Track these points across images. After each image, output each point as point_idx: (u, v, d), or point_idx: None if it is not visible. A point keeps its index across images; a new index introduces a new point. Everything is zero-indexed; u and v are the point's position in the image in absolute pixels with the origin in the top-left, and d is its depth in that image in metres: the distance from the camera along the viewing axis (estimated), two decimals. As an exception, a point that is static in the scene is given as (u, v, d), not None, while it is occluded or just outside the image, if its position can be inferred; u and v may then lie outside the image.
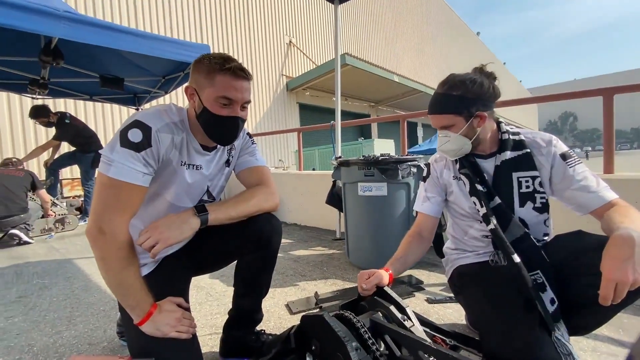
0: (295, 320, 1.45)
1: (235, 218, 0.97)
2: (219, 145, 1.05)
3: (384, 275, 1.04)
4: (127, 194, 0.83)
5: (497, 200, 1.06)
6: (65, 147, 4.49)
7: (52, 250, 2.91)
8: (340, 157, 2.34)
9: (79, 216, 4.11)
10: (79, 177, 4.42)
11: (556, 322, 0.89)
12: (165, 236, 0.82)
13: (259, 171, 1.12)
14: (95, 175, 3.69)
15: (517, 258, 0.98)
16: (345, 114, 12.00)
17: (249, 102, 0.96)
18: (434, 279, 1.89)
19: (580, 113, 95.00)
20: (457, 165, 1.16)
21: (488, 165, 1.11)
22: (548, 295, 0.92)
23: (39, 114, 3.92)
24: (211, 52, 3.92)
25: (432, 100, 1.10)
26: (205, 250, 1.10)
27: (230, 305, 1.19)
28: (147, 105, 6.65)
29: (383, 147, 7.63)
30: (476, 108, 1.03)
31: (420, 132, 15.59)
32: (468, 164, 1.12)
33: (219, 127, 0.94)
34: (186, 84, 0.97)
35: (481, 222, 1.10)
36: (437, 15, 23.65)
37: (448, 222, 1.33)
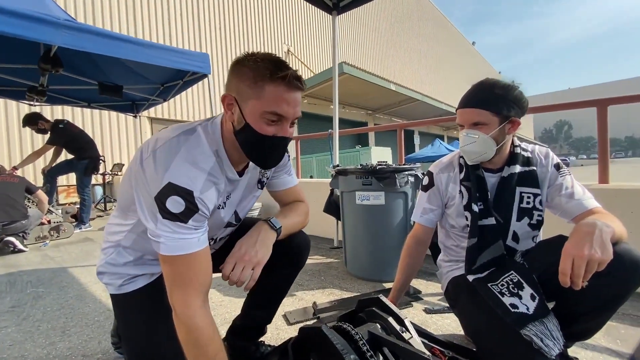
0: (293, 330, 1.44)
1: (290, 233, 0.98)
2: (250, 165, 0.93)
3: None
4: (184, 266, 0.73)
5: (492, 220, 1.07)
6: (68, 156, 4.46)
7: (47, 259, 2.87)
8: (338, 166, 2.35)
9: (74, 224, 4.07)
10: (75, 184, 4.40)
11: (541, 317, 0.89)
12: (260, 258, 0.82)
13: (296, 190, 1.11)
14: (91, 182, 3.65)
15: (471, 278, 1.06)
16: (343, 122, 12.06)
17: (299, 117, 0.80)
18: (432, 289, 1.88)
19: (574, 121, 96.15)
20: (462, 175, 1.15)
21: (494, 180, 1.11)
22: (527, 291, 0.94)
23: (29, 121, 3.91)
24: (210, 60, 3.94)
25: (470, 94, 1.06)
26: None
27: (227, 316, 1.18)
28: (145, 113, 6.67)
29: (380, 155, 7.67)
30: (514, 112, 1.02)
31: (417, 139, 15.70)
32: (474, 178, 1.11)
33: (264, 149, 0.79)
34: (223, 93, 0.80)
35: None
36: (433, 25, 24.01)
37: (441, 232, 1.32)
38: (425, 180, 1.26)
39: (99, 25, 6.75)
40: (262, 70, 0.72)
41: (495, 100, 1.01)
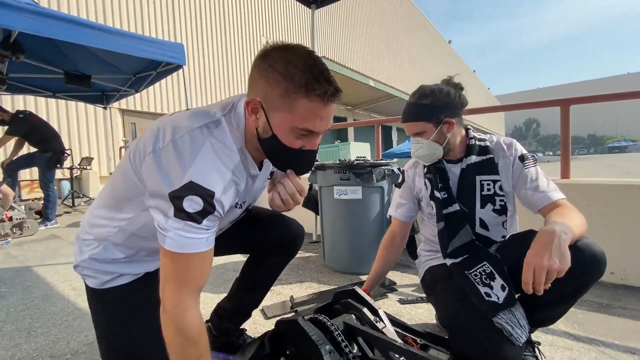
0: (270, 324, 1.44)
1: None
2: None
3: None
4: (185, 264, 0.69)
5: (456, 206, 1.14)
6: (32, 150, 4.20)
7: (9, 258, 2.72)
8: (317, 161, 2.36)
9: (38, 220, 3.86)
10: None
11: (510, 306, 0.94)
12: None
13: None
14: (55, 176, 3.47)
15: (449, 261, 1.11)
16: (322, 117, 12.05)
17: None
18: (407, 280, 1.95)
19: (542, 120, 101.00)
20: (425, 169, 1.23)
21: (456, 170, 1.18)
22: (498, 282, 0.99)
23: None
24: (185, 50, 3.81)
25: (405, 109, 1.18)
26: (229, 240, 1.03)
27: (202, 312, 1.16)
28: (115, 105, 6.38)
29: (359, 150, 7.74)
30: (444, 115, 1.11)
31: (394, 135, 15.97)
32: (434, 169, 1.19)
33: (291, 161, 0.78)
34: (247, 97, 0.73)
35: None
36: (411, 23, 24.36)
37: (421, 225, 1.39)
38: (400, 178, 1.37)
39: (64, 11, 6.36)
40: (296, 81, 0.66)
41: (424, 110, 1.12)
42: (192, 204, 0.65)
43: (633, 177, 2.16)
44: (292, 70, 0.66)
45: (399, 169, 2.00)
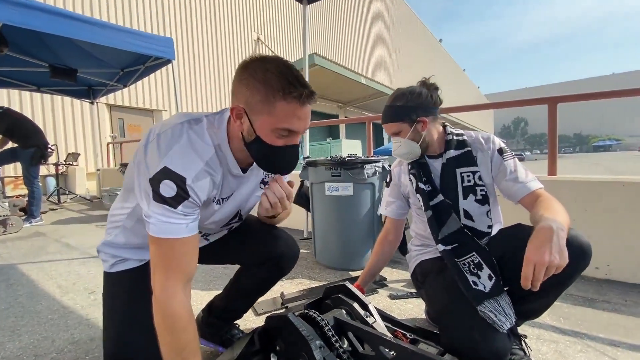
0: (261, 321, 1.44)
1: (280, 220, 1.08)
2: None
3: None
4: (169, 249, 0.73)
5: (440, 197, 1.18)
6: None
7: (-8, 255, 2.65)
8: (308, 157, 2.35)
9: (23, 217, 3.76)
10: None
11: (496, 295, 0.97)
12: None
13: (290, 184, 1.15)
14: (39, 172, 3.39)
15: (440, 247, 1.14)
16: (314, 114, 12.04)
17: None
18: (397, 276, 1.96)
19: (530, 119, 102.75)
20: (409, 166, 1.27)
21: (437, 164, 1.22)
22: (486, 272, 1.02)
23: None
24: (174, 45, 3.74)
25: (383, 112, 1.24)
26: (219, 249, 1.10)
27: (194, 305, 1.16)
28: (103, 99, 6.27)
29: (350, 147, 7.75)
30: (417, 114, 1.16)
31: (385, 133, 16.02)
32: (416, 165, 1.23)
33: (277, 159, 0.82)
34: (231, 105, 0.80)
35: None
36: (402, 21, 24.43)
37: (412, 220, 1.41)
38: (388, 177, 1.40)
39: (50, 3, 6.19)
40: (274, 86, 0.72)
41: (398, 112, 1.18)
42: (167, 188, 0.71)
43: (617, 174, 2.21)
44: (270, 77, 0.73)
45: (389, 165, 2.01)
